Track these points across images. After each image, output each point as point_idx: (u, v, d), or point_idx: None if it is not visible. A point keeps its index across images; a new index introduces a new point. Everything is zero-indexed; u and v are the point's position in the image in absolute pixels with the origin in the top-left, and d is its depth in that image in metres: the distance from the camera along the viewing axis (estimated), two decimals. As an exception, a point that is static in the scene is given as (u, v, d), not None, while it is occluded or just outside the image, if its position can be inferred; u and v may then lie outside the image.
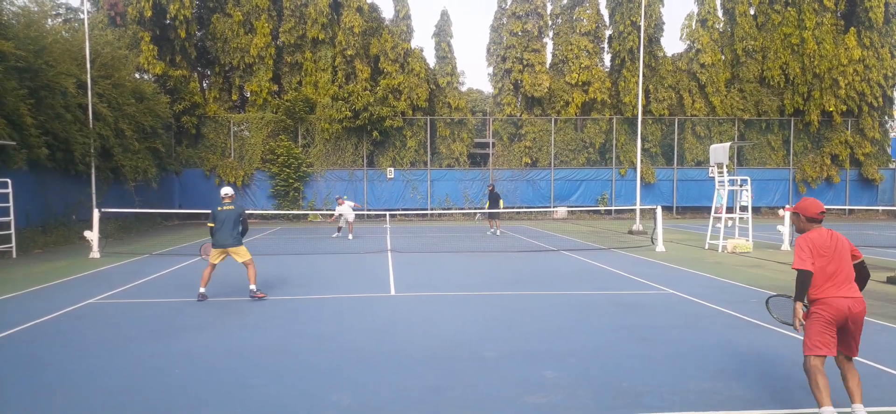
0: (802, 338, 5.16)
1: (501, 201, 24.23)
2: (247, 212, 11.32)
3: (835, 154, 34.82)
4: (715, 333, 8.10)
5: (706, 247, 18.42)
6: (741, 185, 17.85)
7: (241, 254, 10.59)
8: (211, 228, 10.57)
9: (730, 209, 18.23)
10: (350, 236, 21.98)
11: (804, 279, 5.01)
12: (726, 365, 6.65)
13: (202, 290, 10.35)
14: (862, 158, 34.75)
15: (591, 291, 11.21)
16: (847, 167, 35.13)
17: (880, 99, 34.01)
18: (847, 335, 5.15)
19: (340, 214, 22.14)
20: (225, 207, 10.55)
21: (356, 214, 30.98)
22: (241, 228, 10.67)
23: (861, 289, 5.19)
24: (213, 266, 10.60)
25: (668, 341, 7.68)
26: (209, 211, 10.78)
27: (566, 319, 8.96)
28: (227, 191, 10.75)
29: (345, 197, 23.64)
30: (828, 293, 5.02)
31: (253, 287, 10.42)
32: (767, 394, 5.79)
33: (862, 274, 5.24)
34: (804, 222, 5.31)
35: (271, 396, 5.80)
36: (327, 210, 22.79)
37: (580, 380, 6.19)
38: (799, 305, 5.06)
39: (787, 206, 19.66)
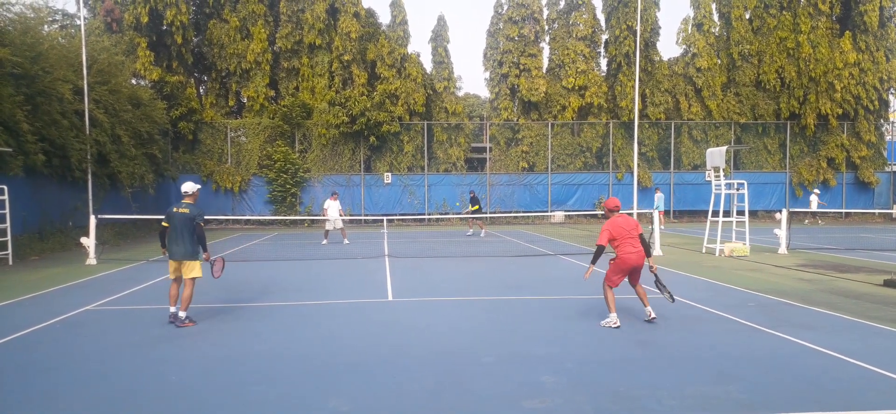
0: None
1: (479, 205, 25.32)
2: (206, 216, 9.79)
3: (831, 157, 34.90)
4: (713, 336, 8.11)
5: (703, 250, 18.44)
6: (738, 189, 17.87)
7: (192, 269, 8.82)
8: (163, 230, 8.99)
9: (726, 213, 18.25)
10: (345, 241, 21.94)
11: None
12: (724, 369, 6.65)
13: (173, 309, 8.82)
14: (858, 162, 34.84)
15: (589, 296, 11.20)
16: (843, 170, 35.22)
17: (876, 102, 34.11)
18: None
19: (326, 213, 22.00)
20: (180, 210, 8.79)
21: (352, 219, 31.05)
22: (192, 235, 8.89)
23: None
24: (174, 281, 8.98)
25: (666, 345, 7.69)
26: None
27: (564, 324, 8.97)
28: (188, 186, 9.06)
29: (337, 194, 23.53)
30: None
31: (182, 314, 8.64)
32: (766, 398, 5.79)
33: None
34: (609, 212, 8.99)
35: (269, 401, 5.79)
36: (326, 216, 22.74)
37: (578, 384, 6.19)
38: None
39: (784, 209, 19.68)
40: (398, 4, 33.72)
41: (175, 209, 8.86)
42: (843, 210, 33.82)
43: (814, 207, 31.09)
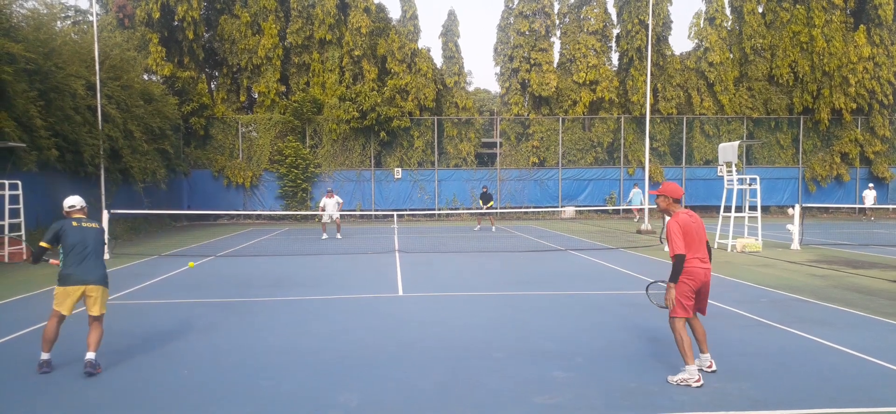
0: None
1: (492, 202, 25.67)
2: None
3: (845, 152, 34.58)
4: (725, 332, 8.05)
5: (715, 246, 18.33)
6: (750, 184, 17.74)
7: (100, 301, 6.78)
8: (44, 250, 6.74)
9: (739, 208, 18.12)
10: (338, 235, 22.06)
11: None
12: (736, 365, 6.60)
13: (45, 356, 6.58)
14: (872, 156, 34.49)
15: (600, 291, 11.17)
16: (857, 166, 34.88)
17: (891, 97, 33.73)
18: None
19: (324, 209, 22.11)
20: (88, 223, 6.93)
21: (362, 215, 31.15)
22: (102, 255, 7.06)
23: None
24: (63, 318, 6.70)
25: (678, 341, 7.64)
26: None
27: (575, 319, 8.94)
28: (76, 200, 7.12)
29: (334, 191, 23.75)
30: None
31: (92, 356, 6.50)
32: (778, 394, 5.74)
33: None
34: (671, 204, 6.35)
35: (279, 395, 5.80)
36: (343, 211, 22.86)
37: (589, 380, 6.17)
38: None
39: (797, 204, 19.51)
40: (408, -1, 33.70)
41: (76, 223, 6.85)
42: (857, 206, 33.49)
43: (869, 203, 30.73)
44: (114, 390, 5.97)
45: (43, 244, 6.69)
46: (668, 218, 6.30)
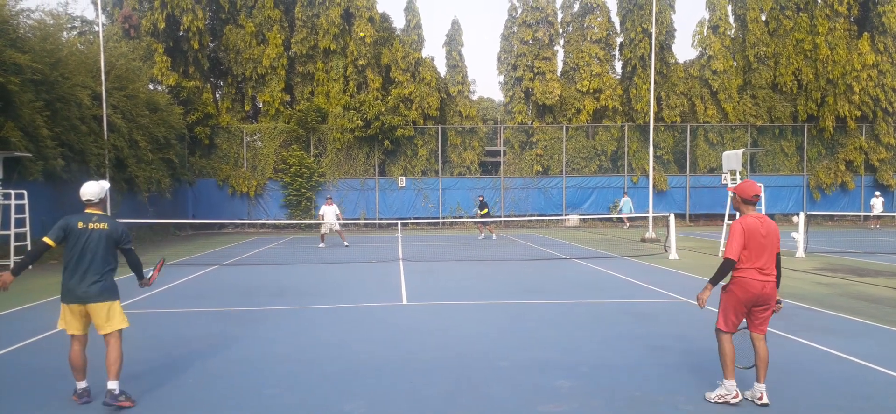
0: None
1: (487, 209, 25.87)
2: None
3: (849, 160, 34.50)
4: (730, 341, 8.03)
5: (720, 254, 18.28)
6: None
7: (109, 317, 5.75)
8: (41, 248, 5.80)
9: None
10: (345, 244, 22.09)
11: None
12: (741, 374, 6.58)
13: (81, 384, 5.82)
14: (877, 164, 34.40)
15: (605, 300, 11.16)
16: (862, 173, 34.78)
17: (895, 104, 33.69)
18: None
19: (324, 218, 22.17)
20: (94, 224, 5.75)
21: (366, 223, 31.19)
22: (113, 263, 5.87)
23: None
24: (83, 338, 5.83)
25: (683, 350, 7.63)
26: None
27: (579, 328, 8.93)
28: (91, 189, 5.88)
29: (332, 199, 23.87)
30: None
31: (113, 385, 5.60)
32: (784, 403, 5.73)
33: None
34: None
35: (285, 405, 5.81)
36: (347, 220, 22.93)
37: (594, 389, 6.16)
38: None
39: (802, 212, 19.48)
40: (412, 9, 33.82)
41: (81, 223, 5.69)
42: (862, 213, 33.38)
43: (878, 211, 30.72)
44: (120, 400, 5.98)
45: (47, 241, 5.68)
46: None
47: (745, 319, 5.77)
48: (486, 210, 25.45)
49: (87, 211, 5.85)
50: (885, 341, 8.01)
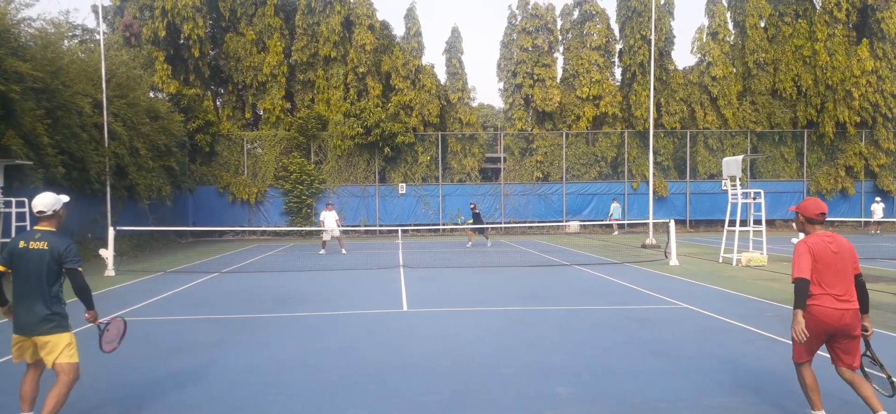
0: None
1: (473, 219, 25.48)
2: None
3: (849, 166, 34.52)
4: (731, 347, 8.04)
5: (720, 260, 18.30)
6: (754, 198, 17.73)
7: (57, 347, 5.08)
8: None
9: (743, 222, 18.11)
10: (343, 251, 22.08)
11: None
12: (743, 379, 6.60)
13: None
14: (877, 170, 34.41)
15: (606, 306, 11.16)
16: (862, 179, 34.80)
17: (894, 110, 33.69)
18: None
19: (324, 224, 22.17)
20: (35, 243, 4.99)
21: (367, 230, 31.20)
22: (56, 288, 5.08)
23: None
24: (33, 366, 5.24)
25: (684, 356, 7.63)
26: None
27: (581, 335, 8.93)
28: (44, 200, 5.09)
29: (332, 205, 23.89)
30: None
31: None
32: (785, 409, 5.74)
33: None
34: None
35: (287, 412, 5.81)
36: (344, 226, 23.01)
37: (595, 395, 6.17)
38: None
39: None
40: (412, 16, 33.89)
41: (23, 243, 5.00)
42: (862, 219, 33.38)
43: (878, 216, 30.79)
44: (120, 409, 5.98)
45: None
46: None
47: (829, 349, 5.19)
48: (473, 219, 25.18)
49: (35, 227, 5.11)
50: (885, 347, 8.00)
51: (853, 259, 4.99)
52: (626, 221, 33.27)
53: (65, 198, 5.25)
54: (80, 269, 5.15)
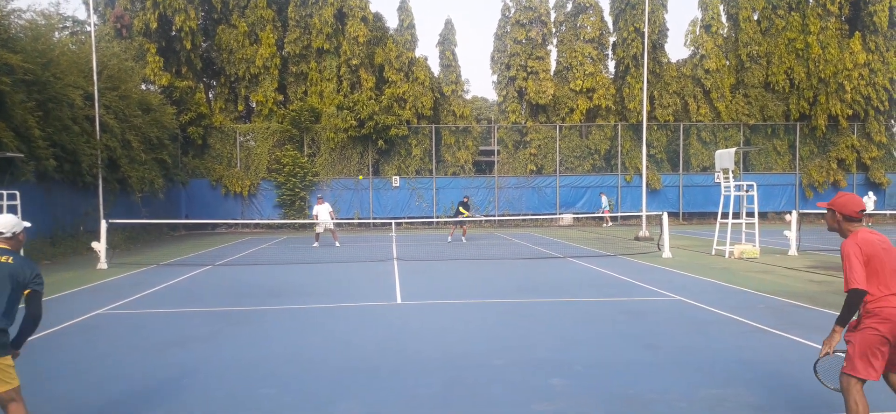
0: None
1: (466, 211, 24.29)
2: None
3: (841, 158, 34.70)
4: (723, 339, 8.08)
5: (713, 253, 18.36)
6: (747, 191, 17.79)
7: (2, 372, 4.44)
8: None
9: (736, 215, 18.17)
10: (336, 243, 22.04)
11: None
12: (735, 371, 6.62)
13: None
14: (869, 162, 34.63)
15: (599, 298, 11.19)
16: (854, 171, 35.00)
17: (886, 103, 33.89)
18: None
19: (317, 217, 22.10)
20: None
21: (360, 223, 31.16)
22: (9, 306, 4.43)
23: None
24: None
25: (676, 348, 7.66)
26: None
27: (573, 327, 8.95)
28: (4, 221, 4.71)
29: (322, 198, 23.77)
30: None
31: None
32: (776, 400, 5.76)
33: None
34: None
35: (280, 404, 5.81)
36: (339, 220, 22.97)
37: (588, 388, 6.18)
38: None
39: (795, 210, 19.59)
40: (405, 8, 33.81)
41: None
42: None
43: (870, 209, 30.99)
44: (114, 401, 5.97)
45: None
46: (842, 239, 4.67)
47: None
48: (457, 211, 23.87)
49: None
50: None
51: None
52: (618, 214, 33.36)
53: (27, 224, 4.96)
54: (42, 296, 4.68)
